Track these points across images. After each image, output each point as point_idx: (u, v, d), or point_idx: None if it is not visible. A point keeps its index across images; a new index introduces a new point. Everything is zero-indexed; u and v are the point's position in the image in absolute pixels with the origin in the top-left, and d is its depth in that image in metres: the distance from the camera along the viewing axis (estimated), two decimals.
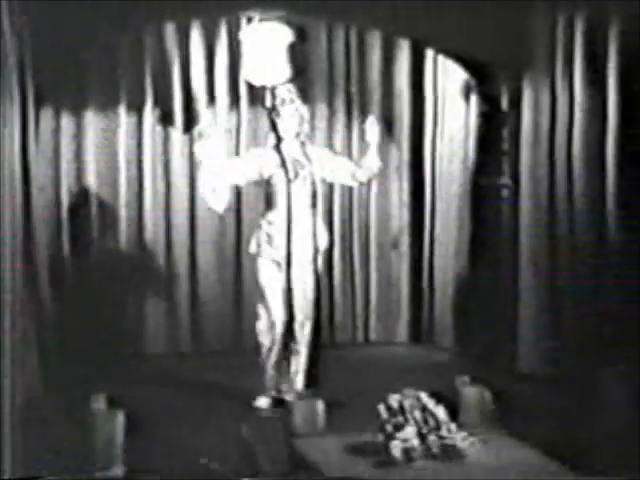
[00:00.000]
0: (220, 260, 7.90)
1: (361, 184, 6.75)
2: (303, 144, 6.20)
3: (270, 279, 6.12)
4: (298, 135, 6.15)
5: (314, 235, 6.18)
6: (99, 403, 5.03)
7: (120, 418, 4.88)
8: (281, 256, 6.09)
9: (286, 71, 7.35)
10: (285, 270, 6.07)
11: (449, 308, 7.89)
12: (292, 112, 6.10)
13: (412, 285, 8.29)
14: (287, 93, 6.15)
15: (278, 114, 6.11)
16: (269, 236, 6.12)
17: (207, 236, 7.85)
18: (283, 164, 6.09)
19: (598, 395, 5.33)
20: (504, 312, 7.07)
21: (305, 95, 6.62)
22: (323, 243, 6.32)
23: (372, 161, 6.39)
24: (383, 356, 7.74)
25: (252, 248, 6.23)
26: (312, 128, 7.12)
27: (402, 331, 8.27)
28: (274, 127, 6.15)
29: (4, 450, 4.55)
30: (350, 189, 7.83)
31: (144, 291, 7.69)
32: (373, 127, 6.38)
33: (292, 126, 6.11)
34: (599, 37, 6.15)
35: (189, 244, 7.84)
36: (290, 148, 6.13)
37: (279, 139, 6.13)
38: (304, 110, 6.19)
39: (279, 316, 6.09)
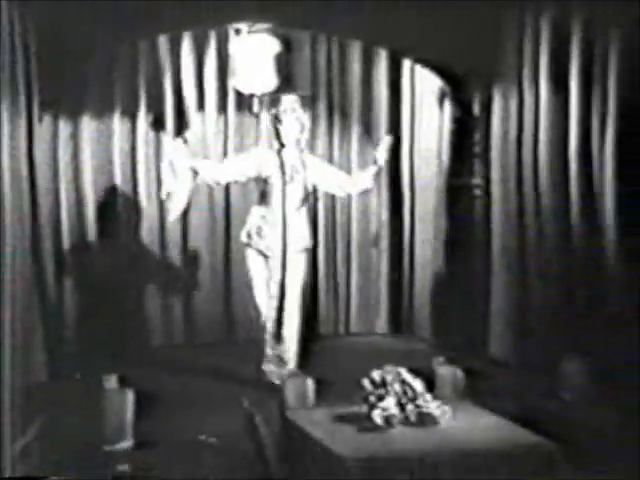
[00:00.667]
0: (213, 257, 8.02)
1: (348, 195, 6.96)
2: (302, 151, 6.42)
3: (257, 270, 6.40)
4: (298, 142, 6.37)
5: (301, 233, 6.43)
6: (111, 382, 5.24)
7: (130, 396, 5.10)
8: (268, 249, 6.33)
9: (273, 80, 7.57)
10: (275, 264, 6.31)
11: (426, 302, 8.03)
12: (293, 120, 6.32)
13: (391, 280, 8.41)
14: (290, 103, 6.37)
15: (280, 122, 6.33)
16: (259, 229, 6.38)
17: (199, 234, 8.01)
18: (282, 167, 6.33)
19: (554, 373, 5.72)
20: (477, 305, 7.29)
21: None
22: (309, 241, 6.56)
23: (366, 179, 6.57)
24: (365, 345, 7.91)
25: (243, 237, 6.50)
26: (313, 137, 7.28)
27: (382, 323, 8.41)
28: (277, 133, 6.37)
29: (4, 448, 4.72)
30: None
31: (142, 285, 7.81)
32: (385, 148, 6.53)
33: (293, 133, 6.33)
34: (563, 47, 6.36)
35: (182, 243, 7.99)
36: (289, 154, 6.36)
37: (281, 145, 6.36)
38: (305, 119, 6.41)
39: (265, 304, 6.36)
